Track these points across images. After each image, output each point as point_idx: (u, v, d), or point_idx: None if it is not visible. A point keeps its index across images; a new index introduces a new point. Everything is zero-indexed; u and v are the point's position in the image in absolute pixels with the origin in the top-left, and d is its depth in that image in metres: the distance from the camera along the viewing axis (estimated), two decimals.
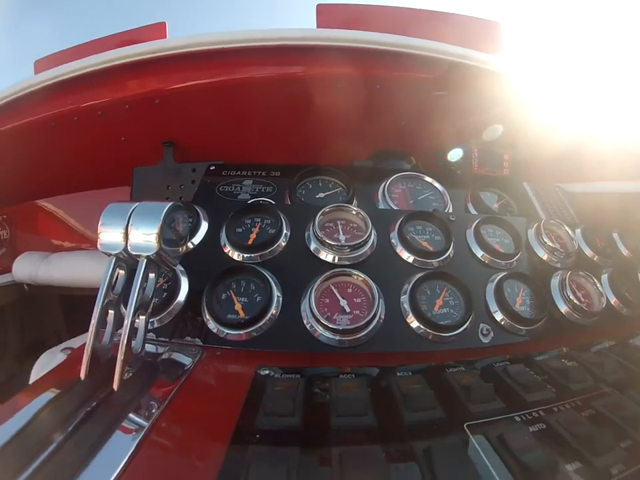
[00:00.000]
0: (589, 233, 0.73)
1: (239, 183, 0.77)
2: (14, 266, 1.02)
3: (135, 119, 0.78)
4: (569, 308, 0.60)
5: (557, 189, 0.88)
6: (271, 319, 0.52)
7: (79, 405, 0.37)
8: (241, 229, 0.63)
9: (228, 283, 0.55)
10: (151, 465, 0.33)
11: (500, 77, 0.71)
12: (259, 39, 0.65)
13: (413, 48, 0.67)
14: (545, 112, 0.76)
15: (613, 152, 0.76)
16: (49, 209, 1.09)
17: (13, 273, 1.03)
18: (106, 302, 0.43)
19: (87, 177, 1.00)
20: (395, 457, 0.32)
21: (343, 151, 0.84)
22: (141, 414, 0.38)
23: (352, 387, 0.41)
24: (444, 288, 0.57)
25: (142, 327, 0.45)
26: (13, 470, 0.29)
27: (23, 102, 0.74)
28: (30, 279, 1.01)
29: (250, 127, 0.83)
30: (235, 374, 0.49)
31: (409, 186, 0.77)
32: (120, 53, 0.68)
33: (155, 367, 0.47)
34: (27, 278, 1.01)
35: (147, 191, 0.85)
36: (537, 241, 0.68)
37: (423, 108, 0.79)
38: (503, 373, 0.45)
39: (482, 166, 0.87)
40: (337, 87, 0.71)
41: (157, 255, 0.43)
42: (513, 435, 0.34)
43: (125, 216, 0.42)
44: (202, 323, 0.52)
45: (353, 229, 0.63)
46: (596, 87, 0.77)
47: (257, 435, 0.35)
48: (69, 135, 0.82)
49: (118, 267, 0.45)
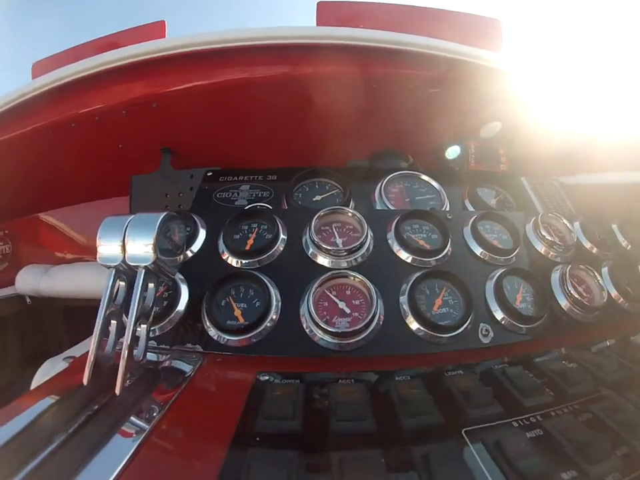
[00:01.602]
0: (588, 225, 0.73)
1: (236, 189, 0.77)
2: (17, 279, 1.03)
3: (132, 124, 0.78)
4: (570, 303, 0.60)
5: (554, 182, 0.88)
6: (271, 324, 0.52)
7: (80, 409, 0.38)
8: (238, 235, 0.63)
9: (227, 290, 0.56)
10: (151, 467, 0.33)
11: (498, 74, 0.71)
12: (257, 38, 0.65)
13: (412, 45, 0.67)
14: (543, 107, 0.75)
15: (611, 144, 0.75)
16: (49, 221, 1.10)
17: (16, 286, 1.04)
18: (107, 313, 0.44)
19: (86, 188, 1.01)
20: (394, 463, 0.32)
21: (340, 151, 0.84)
22: (141, 417, 0.39)
23: (351, 392, 0.41)
24: (443, 287, 0.57)
25: (143, 336, 0.46)
26: (12, 469, 0.30)
27: (19, 111, 0.74)
28: (33, 292, 1.02)
29: (247, 128, 0.83)
30: (235, 380, 0.50)
31: (405, 185, 0.77)
32: (116, 55, 0.67)
33: (156, 373, 0.47)
34: (30, 290, 1.02)
35: (145, 200, 0.85)
36: (535, 235, 0.68)
37: (421, 106, 0.78)
38: (502, 376, 0.45)
39: (479, 162, 0.86)
40: (334, 86, 0.70)
41: (154, 265, 0.44)
42: (509, 442, 0.34)
43: (121, 229, 0.43)
44: (202, 329, 0.53)
45: (349, 231, 0.63)
46: (593, 81, 0.76)
47: (257, 438, 0.35)
48: (66, 143, 0.82)
49: (118, 279, 0.45)
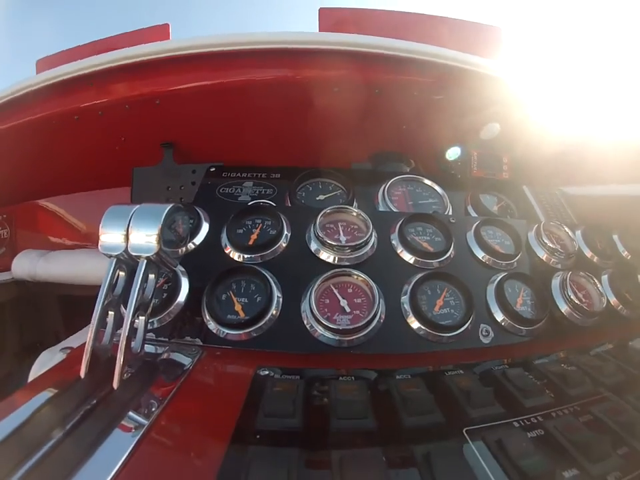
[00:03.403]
0: (589, 234, 0.73)
1: (239, 185, 0.77)
2: (13, 263, 1.01)
3: (135, 119, 0.78)
4: (570, 308, 0.60)
5: (556, 191, 0.88)
6: (271, 319, 0.52)
7: (78, 403, 0.37)
8: (241, 230, 0.63)
9: (228, 284, 0.55)
10: (150, 463, 0.33)
11: (499, 82, 0.72)
12: (260, 42, 0.66)
13: (413, 52, 0.67)
14: (544, 116, 0.76)
15: (612, 154, 0.76)
16: (49, 208, 1.09)
17: (12, 270, 1.02)
18: (106, 302, 0.43)
19: (87, 177, 1.00)
20: (394, 461, 0.32)
21: (342, 154, 0.85)
22: (140, 412, 0.38)
23: (352, 390, 0.40)
24: (444, 288, 0.57)
25: (141, 327, 0.45)
26: (10, 466, 0.29)
27: (24, 101, 0.74)
28: (29, 276, 1.00)
29: (249, 129, 0.83)
30: (234, 374, 0.49)
31: (408, 188, 0.78)
32: (121, 54, 0.68)
33: (155, 366, 0.47)
34: (26, 275, 1.00)
35: (147, 192, 0.85)
36: (537, 242, 0.68)
37: (422, 111, 0.79)
38: (502, 377, 0.45)
39: (481, 169, 0.87)
40: (336, 91, 0.71)
41: (156, 256, 0.44)
42: (511, 441, 0.34)
43: (126, 218, 0.42)
44: (202, 323, 0.52)
45: (354, 230, 0.63)
46: (594, 89, 0.77)
47: (257, 435, 0.35)
48: (69, 134, 0.82)
49: (118, 269, 0.45)
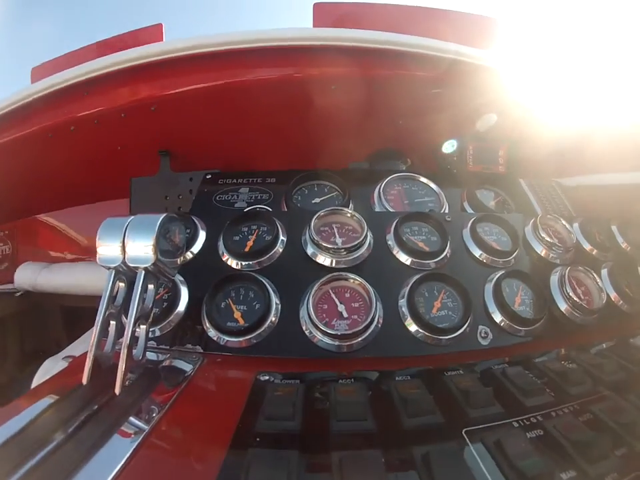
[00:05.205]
0: (587, 226, 0.73)
1: (235, 192, 0.77)
2: (16, 273, 1.03)
3: (131, 126, 0.78)
4: (569, 306, 0.59)
5: (553, 183, 0.88)
6: (270, 326, 0.52)
7: (79, 408, 0.38)
8: (238, 236, 0.63)
9: (227, 291, 0.56)
10: (150, 466, 0.33)
11: (497, 74, 0.71)
12: (253, 40, 0.65)
13: (411, 46, 0.67)
14: (541, 107, 0.75)
15: (610, 143, 0.75)
16: (49, 222, 1.11)
17: (15, 280, 1.03)
18: (107, 314, 0.44)
19: (86, 190, 1.01)
20: (394, 462, 0.32)
21: (339, 153, 0.84)
22: (141, 417, 0.39)
23: (351, 392, 0.41)
24: (442, 290, 0.57)
25: (143, 336, 0.46)
26: (11, 468, 0.30)
27: (19, 114, 0.74)
28: (30, 286, 1.02)
29: (246, 129, 0.83)
30: (235, 380, 0.50)
31: (404, 187, 0.77)
32: (114, 58, 0.67)
33: (156, 373, 0.47)
34: (28, 285, 1.02)
35: (145, 202, 0.86)
36: (534, 237, 0.68)
37: (420, 106, 0.78)
38: (502, 376, 0.45)
39: (477, 163, 0.87)
40: (334, 87, 0.71)
41: (154, 266, 0.44)
42: (509, 442, 0.34)
43: (121, 230, 0.43)
44: (202, 331, 0.53)
45: (349, 232, 0.64)
46: (590, 79, 0.76)
47: (257, 438, 0.35)
48: (66, 146, 0.82)
49: (118, 280, 0.46)
